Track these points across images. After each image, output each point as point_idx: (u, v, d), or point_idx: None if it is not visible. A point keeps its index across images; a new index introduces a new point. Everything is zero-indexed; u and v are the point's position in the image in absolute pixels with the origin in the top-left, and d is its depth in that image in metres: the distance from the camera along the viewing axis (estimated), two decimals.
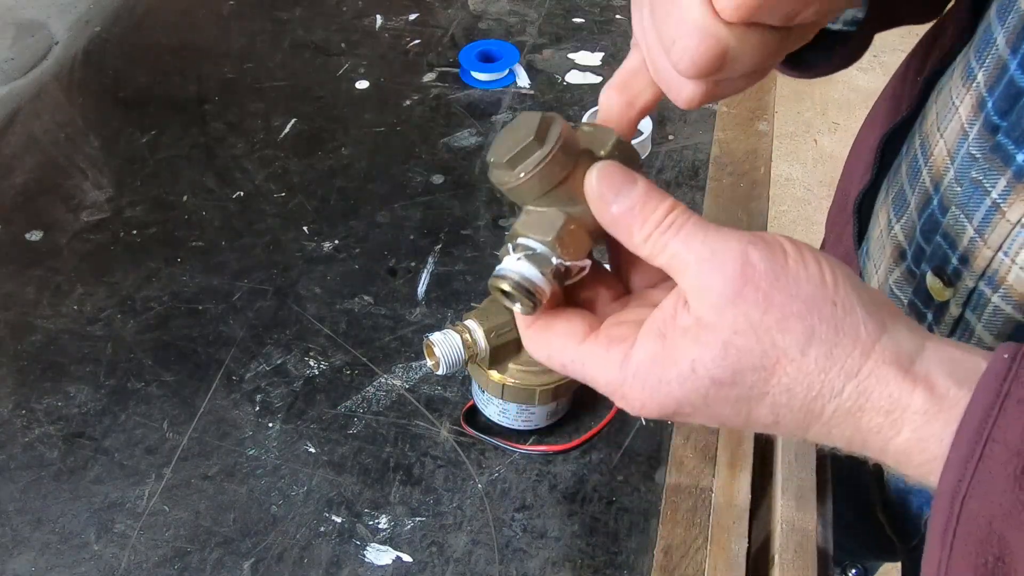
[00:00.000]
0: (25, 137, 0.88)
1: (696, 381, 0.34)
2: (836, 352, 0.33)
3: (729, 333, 0.33)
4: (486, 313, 0.57)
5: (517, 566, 0.58)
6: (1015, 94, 0.43)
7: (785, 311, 0.33)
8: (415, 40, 1.01)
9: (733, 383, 0.34)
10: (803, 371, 0.33)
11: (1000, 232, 0.44)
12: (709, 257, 0.34)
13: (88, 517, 0.60)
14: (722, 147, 0.88)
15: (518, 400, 0.59)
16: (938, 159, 0.51)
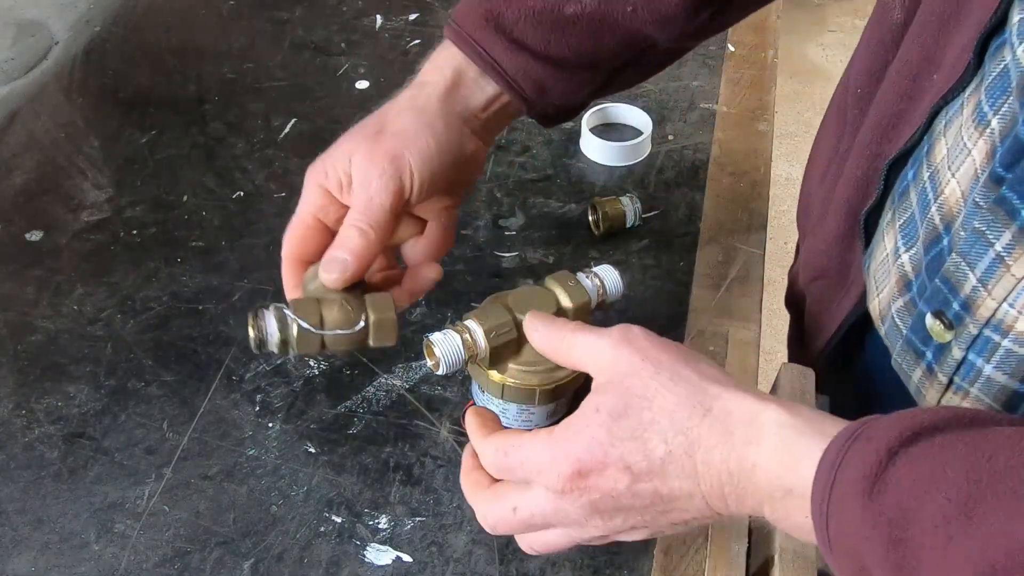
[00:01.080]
0: (25, 137, 0.88)
1: (599, 417, 0.45)
2: (703, 385, 0.44)
3: (620, 379, 0.45)
4: (486, 313, 0.57)
5: (517, 566, 0.58)
6: (1020, 148, 0.43)
7: (659, 358, 0.45)
8: (415, 40, 1.01)
9: (625, 415, 0.44)
10: (675, 398, 0.43)
11: (1005, 285, 0.45)
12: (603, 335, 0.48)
13: (88, 517, 0.61)
14: (722, 147, 0.88)
15: (518, 400, 0.59)
16: (950, 199, 0.51)
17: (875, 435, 0.38)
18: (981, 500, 0.34)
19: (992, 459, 0.35)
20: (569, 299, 0.58)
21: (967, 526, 0.34)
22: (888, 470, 0.37)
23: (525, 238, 0.80)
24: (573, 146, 0.88)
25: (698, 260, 0.77)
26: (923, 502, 0.36)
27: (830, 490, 0.38)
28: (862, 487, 0.37)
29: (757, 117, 0.91)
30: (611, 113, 0.90)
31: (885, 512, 0.36)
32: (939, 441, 0.37)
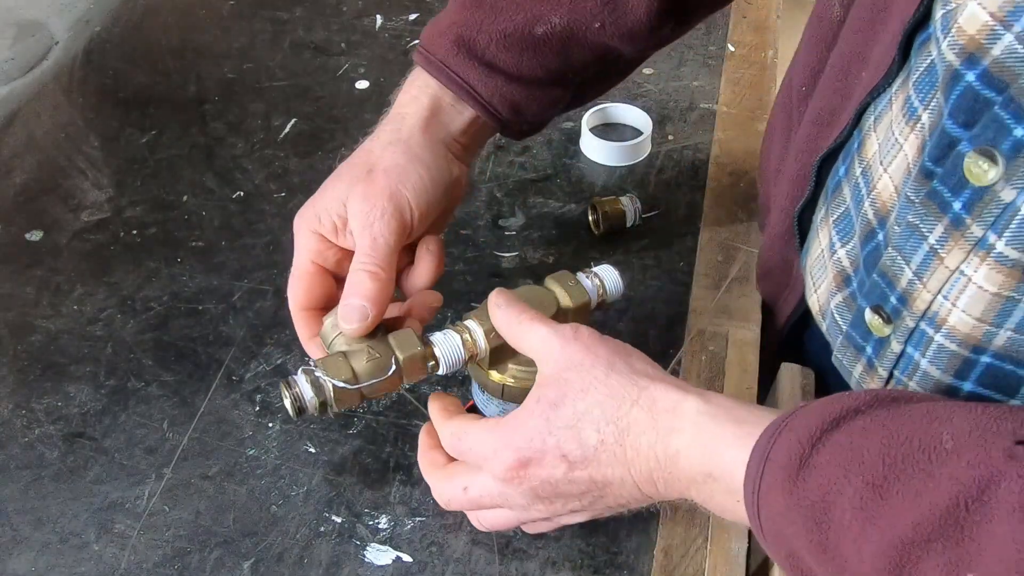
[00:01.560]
0: (25, 137, 0.88)
1: (540, 408, 0.48)
2: (634, 376, 0.47)
3: (560, 371, 0.48)
4: (486, 313, 0.57)
5: (517, 566, 0.58)
6: (948, 143, 0.43)
7: (598, 351, 0.48)
8: (415, 40, 1.01)
9: (562, 403, 0.47)
10: (608, 388, 0.47)
11: (939, 277, 0.46)
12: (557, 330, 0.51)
13: (88, 517, 0.60)
14: (722, 147, 0.88)
15: (517, 400, 0.59)
16: (883, 194, 0.51)
17: (799, 424, 0.40)
18: (894, 480, 0.37)
19: (908, 440, 0.38)
20: (569, 299, 0.58)
21: (881, 505, 0.37)
22: (811, 457, 0.39)
23: (525, 238, 0.80)
24: (573, 146, 0.88)
25: (698, 260, 0.77)
26: (842, 485, 0.38)
27: (760, 479, 0.41)
28: (787, 475, 0.39)
29: (757, 117, 0.91)
30: (611, 113, 0.90)
31: (808, 497, 0.39)
32: (860, 425, 0.39)
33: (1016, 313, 0.43)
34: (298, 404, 0.52)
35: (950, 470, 0.36)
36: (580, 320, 0.61)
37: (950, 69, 0.42)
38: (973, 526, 0.34)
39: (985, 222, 0.42)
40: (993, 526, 0.34)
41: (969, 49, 0.41)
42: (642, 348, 0.60)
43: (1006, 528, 0.33)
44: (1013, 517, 0.33)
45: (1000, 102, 0.40)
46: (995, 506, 0.34)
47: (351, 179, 0.59)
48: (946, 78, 0.43)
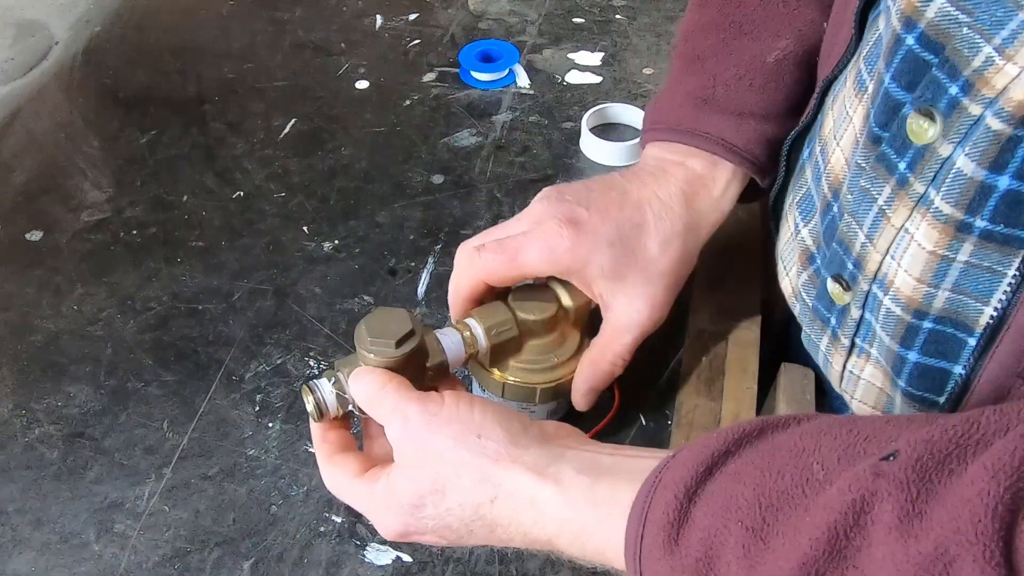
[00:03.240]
0: (25, 137, 0.88)
1: (401, 509, 0.47)
2: (481, 471, 0.45)
3: (409, 472, 0.47)
4: (486, 311, 0.57)
5: (517, 566, 0.58)
6: (893, 106, 0.45)
7: (440, 448, 0.46)
8: (415, 40, 1.01)
9: (423, 505, 0.46)
10: (463, 490, 0.45)
11: (887, 237, 0.47)
12: (390, 417, 0.48)
13: (88, 517, 0.61)
14: None
15: (519, 399, 0.59)
16: (836, 167, 0.52)
17: (672, 479, 0.40)
18: (773, 521, 0.36)
19: (780, 476, 0.37)
20: (570, 298, 0.58)
21: (764, 551, 0.36)
22: (689, 511, 0.38)
23: None
24: (573, 146, 0.88)
25: (698, 260, 0.77)
26: (724, 536, 0.37)
27: (639, 544, 0.40)
28: (666, 535, 0.38)
29: None
30: (611, 113, 0.90)
31: (691, 554, 0.38)
32: (732, 469, 0.39)
33: (951, 273, 0.44)
34: (319, 408, 0.52)
35: (824, 500, 0.35)
36: (581, 320, 0.61)
37: (893, 35, 0.44)
38: (855, 552, 0.33)
39: (926, 178, 0.43)
40: (872, 550, 0.33)
41: (907, 12, 0.43)
42: (642, 349, 0.60)
43: (884, 549, 0.33)
44: (889, 537, 0.32)
45: (937, 63, 0.42)
46: (872, 528, 0.33)
47: (641, 267, 0.58)
48: (889, 44, 0.45)
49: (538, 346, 0.59)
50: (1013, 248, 0.41)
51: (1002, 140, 0.39)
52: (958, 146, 0.41)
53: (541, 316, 0.58)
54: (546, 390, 0.59)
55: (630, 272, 0.57)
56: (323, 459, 0.53)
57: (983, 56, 0.39)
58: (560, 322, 0.60)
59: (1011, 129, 0.38)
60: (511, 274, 0.57)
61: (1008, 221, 0.40)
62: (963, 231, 0.42)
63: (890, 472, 0.34)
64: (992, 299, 0.43)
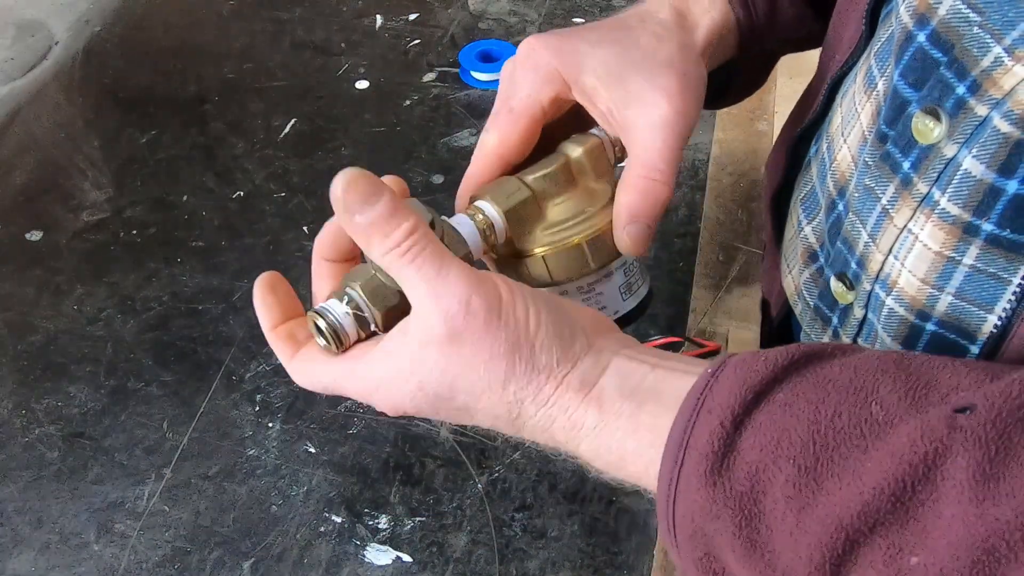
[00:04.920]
0: (25, 137, 0.88)
1: (424, 396, 0.42)
2: (531, 386, 0.41)
3: (447, 362, 0.41)
4: (488, 188, 0.49)
5: (517, 566, 0.58)
6: (900, 104, 0.44)
7: (493, 351, 0.41)
8: (415, 40, 1.01)
9: (452, 398, 0.42)
10: (503, 400, 0.41)
11: (889, 237, 0.46)
12: (435, 297, 0.41)
13: (88, 517, 0.60)
14: (722, 147, 0.88)
15: (570, 273, 0.50)
16: (842, 165, 0.52)
17: (716, 404, 0.37)
18: (828, 463, 0.34)
19: (836, 414, 0.35)
20: (576, 145, 0.50)
21: (817, 493, 0.34)
22: (735, 442, 0.36)
23: None
24: None
25: (698, 260, 0.77)
26: (773, 472, 0.35)
27: (678, 471, 0.37)
28: (709, 464, 0.36)
29: (757, 117, 0.91)
30: None
31: (736, 488, 0.35)
32: (781, 399, 0.36)
33: (956, 276, 0.43)
34: (333, 331, 0.44)
35: (890, 446, 0.33)
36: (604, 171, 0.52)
37: (905, 31, 0.44)
38: (919, 506, 0.32)
39: (930, 179, 0.43)
40: (940, 506, 0.32)
41: (920, 10, 0.42)
42: None
43: (955, 508, 0.31)
44: (963, 496, 0.31)
45: (945, 62, 0.41)
46: (942, 484, 0.32)
47: (617, 56, 0.49)
48: (900, 40, 0.44)
49: (564, 206, 0.50)
50: (1020, 255, 0.41)
51: (1011, 143, 0.39)
52: (963, 147, 0.41)
53: (549, 169, 0.49)
54: (595, 242, 0.50)
55: (629, 71, 0.49)
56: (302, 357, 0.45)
57: (992, 56, 0.39)
58: (579, 177, 0.51)
59: (1020, 132, 0.38)
60: (517, 127, 0.50)
61: (1015, 227, 0.40)
62: (970, 233, 0.42)
63: (968, 426, 0.32)
64: (996, 307, 0.42)
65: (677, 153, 0.48)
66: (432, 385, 0.41)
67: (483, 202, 0.49)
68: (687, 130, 0.49)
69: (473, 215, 0.48)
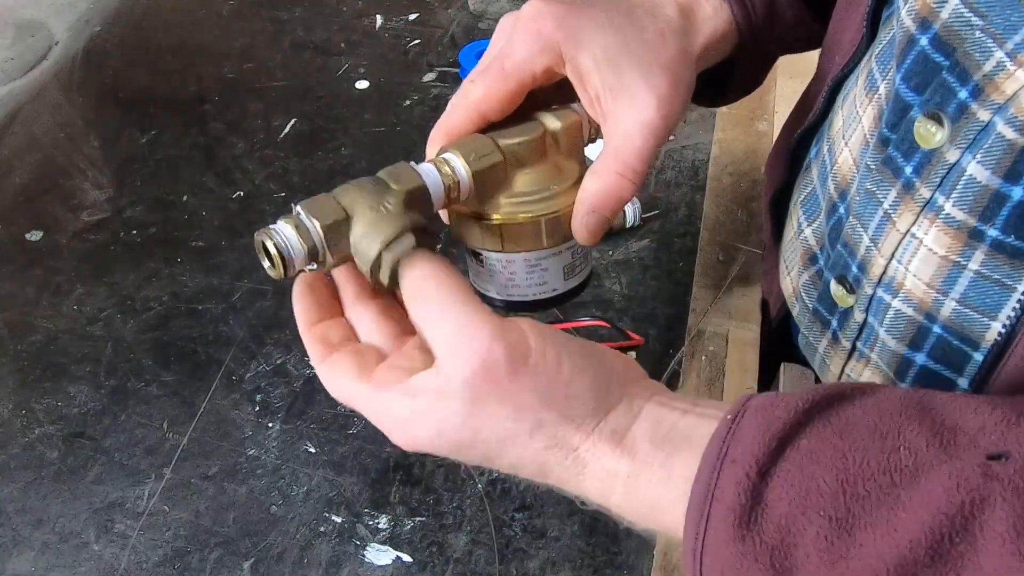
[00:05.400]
0: (25, 137, 0.88)
1: (443, 441, 0.40)
2: (560, 435, 0.39)
3: (470, 412, 0.39)
4: (461, 142, 0.48)
5: (517, 566, 0.58)
6: (902, 108, 0.44)
7: (520, 403, 0.39)
8: (415, 40, 1.01)
9: (473, 446, 0.40)
10: (530, 450, 0.40)
11: (891, 241, 0.46)
12: (457, 343, 0.39)
13: (88, 517, 0.61)
14: (722, 147, 0.88)
15: (522, 246, 0.50)
16: (843, 167, 0.52)
17: (740, 453, 0.35)
18: (861, 513, 0.33)
19: (864, 462, 0.34)
20: (556, 119, 0.49)
21: (851, 544, 0.33)
22: (762, 494, 0.34)
23: None
24: None
25: (698, 260, 0.77)
26: (803, 524, 0.33)
27: (705, 524, 0.35)
28: (736, 517, 0.34)
29: (757, 117, 0.91)
30: None
31: (766, 542, 0.34)
32: (806, 447, 0.35)
33: (961, 281, 0.43)
34: (281, 253, 0.41)
35: (923, 496, 0.32)
36: (576, 149, 0.51)
37: (907, 35, 0.43)
38: (958, 558, 0.31)
39: (932, 183, 0.43)
40: (980, 558, 0.31)
41: (923, 14, 0.42)
42: (643, 348, 0.60)
43: (996, 562, 0.30)
44: (1004, 549, 0.30)
45: (948, 66, 0.41)
46: (981, 535, 0.31)
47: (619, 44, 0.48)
48: (902, 44, 0.44)
49: (530, 177, 0.49)
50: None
51: (1016, 150, 0.38)
52: (966, 152, 0.41)
53: (526, 137, 0.48)
54: (553, 223, 0.49)
55: (626, 63, 0.48)
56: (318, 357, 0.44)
57: (994, 61, 0.39)
58: (550, 150, 0.50)
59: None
60: (505, 87, 0.48)
61: (1019, 233, 0.40)
62: (975, 238, 0.42)
63: (1004, 475, 0.31)
64: (1000, 315, 0.42)
65: (653, 156, 0.48)
66: (452, 433, 0.40)
67: (452, 156, 0.47)
68: (667, 135, 0.49)
69: (440, 167, 0.46)
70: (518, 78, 0.48)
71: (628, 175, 0.47)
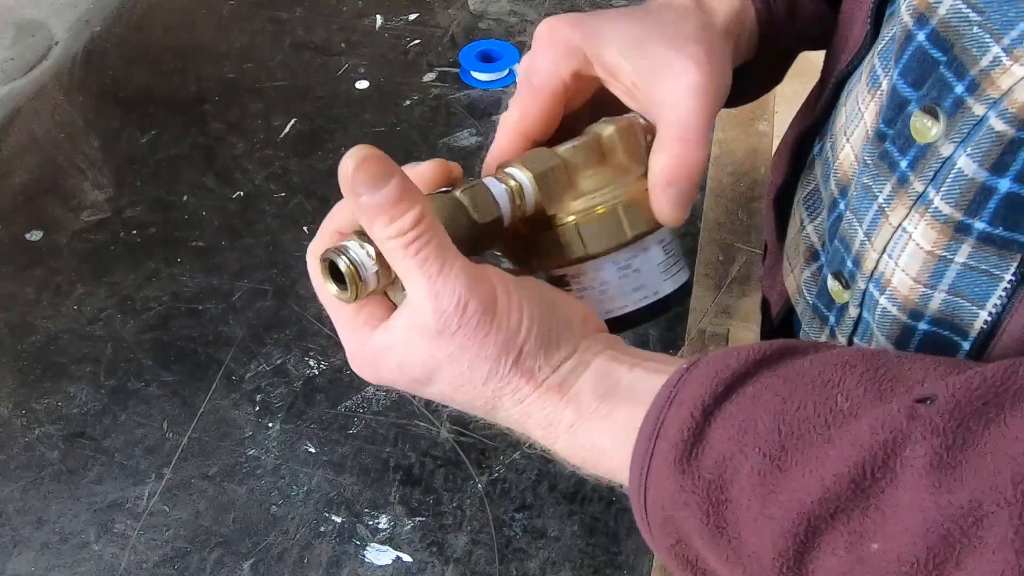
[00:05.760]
0: (25, 137, 0.88)
1: (401, 375, 0.42)
2: (511, 385, 0.42)
3: (430, 353, 0.41)
4: (524, 155, 0.48)
5: (517, 566, 0.58)
6: (899, 103, 0.44)
7: (479, 353, 0.41)
8: (415, 40, 1.01)
9: (429, 384, 0.42)
10: (481, 395, 0.42)
11: (884, 235, 0.46)
12: (433, 296, 0.41)
13: (88, 517, 0.60)
14: (722, 147, 0.88)
15: (606, 243, 0.47)
16: (845, 164, 0.52)
17: (688, 397, 0.37)
18: (793, 450, 0.35)
19: (802, 405, 0.35)
20: (607, 123, 0.48)
21: (781, 479, 0.34)
22: (705, 431, 0.36)
23: None
24: None
25: (698, 260, 0.77)
26: (739, 461, 0.35)
27: (649, 460, 0.37)
28: (679, 453, 0.36)
29: (757, 117, 0.91)
30: None
31: (703, 475, 0.36)
32: (750, 391, 0.37)
33: (948, 274, 0.43)
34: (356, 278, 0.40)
35: (851, 435, 0.34)
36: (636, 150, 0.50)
37: (905, 31, 0.44)
38: (879, 493, 0.33)
39: (926, 178, 0.43)
40: (899, 493, 0.32)
41: (920, 9, 0.43)
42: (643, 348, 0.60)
43: (913, 495, 0.32)
44: (920, 483, 0.32)
45: (945, 62, 0.41)
46: (901, 471, 0.32)
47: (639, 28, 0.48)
48: (900, 40, 0.44)
49: (595, 177, 0.47)
50: (1011, 252, 0.41)
51: (1004, 142, 0.39)
52: (959, 146, 0.41)
53: (579, 142, 0.47)
54: (630, 208, 0.47)
55: (653, 42, 0.47)
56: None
57: (991, 56, 0.39)
58: (609, 154, 0.48)
59: (1014, 131, 0.38)
60: (539, 102, 0.48)
61: (1007, 224, 0.40)
62: (962, 232, 0.42)
63: (926, 416, 0.33)
64: (987, 303, 0.43)
65: (710, 119, 0.46)
66: (412, 369, 0.42)
67: (512, 167, 0.46)
68: (717, 99, 0.47)
69: (503, 179, 0.46)
70: (549, 90, 0.48)
71: (691, 139, 0.46)
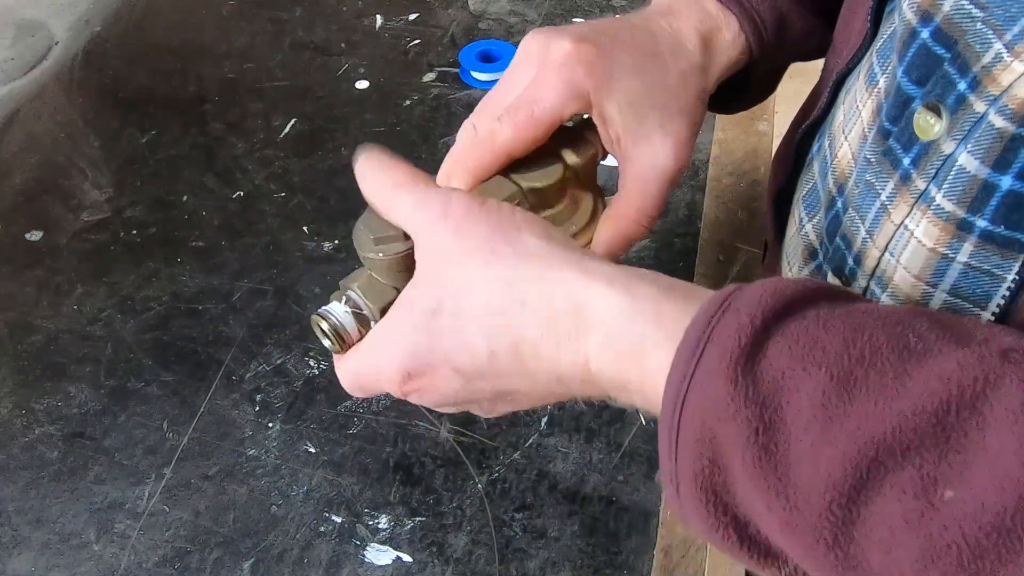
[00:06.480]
0: (25, 137, 0.88)
1: (413, 324, 0.40)
2: (519, 266, 0.39)
3: (434, 265, 0.40)
4: (488, 190, 0.49)
5: (517, 566, 0.58)
6: (903, 101, 0.44)
7: (475, 233, 0.40)
8: (415, 40, 1.01)
9: (441, 310, 0.40)
10: (489, 285, 0.39)
11: (886, 233, 0.46)
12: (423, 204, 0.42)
13: (88, 517, 0.61)
14: (722, 147, 0.88)
15: None
16: (842, 162, 0.52)
17: (745, 304, 0.34)
18: (863, 378, 0.31)
19: (872, 336, 0.33)
20: (575, 154, 0.51)
21: (848, 404, 0.31)
22: (763, 343, 0.33)
23: None
24: None
25: (698, 260, 0.77)
26: (801, 379, 0.32)
27: (696, 363, 0.34)
28: (733, 359, 0.33)
29: (757, 117, 0.91)
30: None
31: (759, 389, 0.32)
32: (813, 315, 0.34)
33: (950, 273, 0.43)
34: (339, 335, 0.44)
35: (937, 369, 0.31)
36: (589, 179, 0.54)
37: (908, 28, 0.44)
38: (962, 436, 0.30)
39: (928, 175, 0.43)
40: (986, 437, 0.29)
41: (924, 6, 0.43)
42: None
43: (1003, 439, 0.29)
44: (1015, 428, 0.29)
45: (949, 59, 0.41)
46: (991, 414, 0.29)
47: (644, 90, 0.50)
48: (904, 37, 0.44)
49: (552, 217, 0.50)
50: (1013, 252, 0.41)
51: (1005, 139, 0.39)
52: (961, 143, 0.41)
53: (550, 181, 0.50)
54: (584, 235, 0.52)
55: (650, 110, 0.50)
56: None
57: (993, 52, 0.39)
58: (568, 184, 0.52)
59: (1014, 128, 0.38)
60: (535, 132, 0.49)
61: (1008, 223, 0.40)
62: (964, 230, 0.42)
63: (1022, 361, 0.31)
64: (990, 304, 0.43)
65: (664, 200, 0.52)
66: (418, 300, 0.41)
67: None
68: (679, 178, 0.52)
69: None
70: (548, 123, 0.50)
71: (643, 221, 0.51)
